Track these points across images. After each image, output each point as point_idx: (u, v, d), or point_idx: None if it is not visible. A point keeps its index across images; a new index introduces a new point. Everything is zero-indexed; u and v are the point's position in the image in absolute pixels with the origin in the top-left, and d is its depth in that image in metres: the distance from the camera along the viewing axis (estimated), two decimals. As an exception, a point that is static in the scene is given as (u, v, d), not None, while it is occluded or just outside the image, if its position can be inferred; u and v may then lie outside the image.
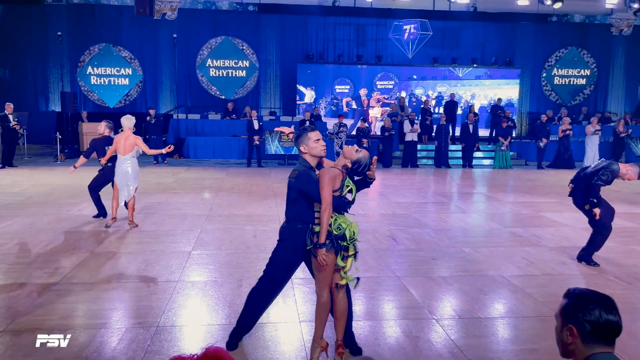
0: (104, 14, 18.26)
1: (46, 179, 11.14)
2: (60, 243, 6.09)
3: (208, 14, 18.77)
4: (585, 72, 20.64)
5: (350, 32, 19.58)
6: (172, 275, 5.03)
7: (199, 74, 19.07)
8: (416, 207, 8.85)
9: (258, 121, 14.71)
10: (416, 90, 19.24)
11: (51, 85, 18.45)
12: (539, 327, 3.96)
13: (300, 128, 3.44)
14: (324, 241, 3.13)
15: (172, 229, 6.92)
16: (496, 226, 7.47)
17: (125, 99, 18.87)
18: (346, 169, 3.28)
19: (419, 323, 4.03)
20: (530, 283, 4.98)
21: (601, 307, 1.56)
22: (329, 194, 3.11)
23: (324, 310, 3.30)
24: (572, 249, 6.16)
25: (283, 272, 3.47)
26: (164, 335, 3.72)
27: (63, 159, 14.53)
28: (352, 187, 3.33)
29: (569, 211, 8.45)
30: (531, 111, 20.33)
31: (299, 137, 3.33)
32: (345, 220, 3.23)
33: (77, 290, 4.58)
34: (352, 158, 3.25)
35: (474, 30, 19.73)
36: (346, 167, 3.27)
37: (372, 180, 3.41)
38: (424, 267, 5.44)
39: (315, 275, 3.31)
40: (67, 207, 8.19)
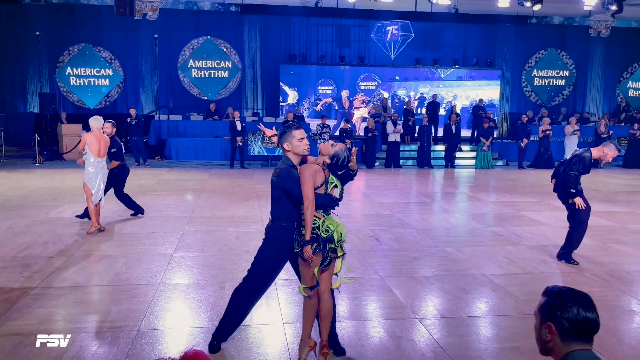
0: (84, 14, 17.99)
1: (24, 182, 10.94)
2: (39, 246, 5.98)
3: (190, 14, 18.63)
4: (564, 73, 20.97)
5: (333, 33, 19.61)
6: (154, 278, 4.98)
7: (180, 74, 18.91)
8: (399, 207, 8.89)
9: (241, 122, 14.64)
10: (399, 91, 19.33)
11: (29, 86, 18.12)
12: (520, 325, 4.00)
13: (284, 125, 3.42)
14: (309, 238, 3.12)
15: (153, 231, 6.84)
16: (478, 225, 7.54)
17: (105, 99, 18.62)
18: (326, 165, 3.26)
19: (402, 323, 4.04)
20: (511, 282, 5.04)
21: (579, 305, 1.58)
22: (310, 191, 3.09)
23: (311, 310, 3.30)
24: (551, 247, 6.24)
25: (268, 272, 3.44)
26: (145, 339, 3.67)
27: (42, 161, 14.29)
28: (336, 182, 3.30)
29: (548, 210, 8.58)
30: (512, 111, 20.59)
31: (283, 134, 3.32)
32: (333, 222, 3.21)
33: (56, 294, 4.50)
34: (330, 153, 3.23)
35: (456, 32, 19.92)
36: (325, 163, 3.25)
37: (354, 172, 3.38)
38: (407, 267, 5.46)
39: (302, 275, 3.29)
40: (46, 209, 8.05)
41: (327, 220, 3.19)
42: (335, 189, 3.32)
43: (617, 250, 6.27)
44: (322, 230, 3.15)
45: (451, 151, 15.58)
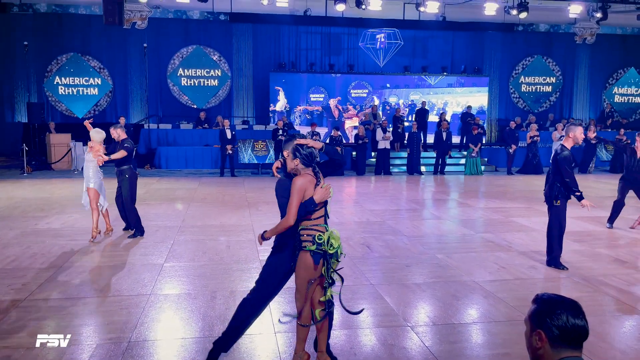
0: (72, 24, 17.92)
1: (12, 192, 10.83)
2: (28, 258, 5.92)
3: (179, 23, 18.63)
4: (551, 80, 21.23)
5: (322, 41, 19.71)
6: (144, 288, 4.95)
7: (170, 83, 18.88)
8: (390, 214, 8.92)
9: (231, 130, 14.63)
10: (390, 98, 19.43)
11: (17, 96, 17.97)
12: (511, 331, 4.03)
13: (290, 134, 3.44)
14: (268, 237, 3.16)
15: (143, 241, 6.80)
16: (468, 232, 7.59)
17: (94, 109, 18.52)
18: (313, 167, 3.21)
19: (394, 331, 4.05)
20: (501, 288, 5.07)
21: (568, 312, 1.60)
22: (295, 205, 3.07)
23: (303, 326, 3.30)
24: (541, 253, 6.29)
25: (274, 283, 3.41)
26: (136, 351, 3.65)
27: (30, 171, 14.16)
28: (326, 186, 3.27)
29: (537, 216, 8.66)
30: (500, 118, 20.78)
31: (287, 142, 3.31)
32: (334, 236, 3.19)
33: (46, 307, 4.45)
34: (292, 168, 3.20)
35: (444, 39, 20.11)
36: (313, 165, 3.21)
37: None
38: (398, 275, 5.48)
39: (297, 288, 3.27)
40: (35, 220, 7.97)
41: (330, 236, 3.17)
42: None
43: (606, 255, 6.34)
44: (327, 247, 3.13)
45: (441, 158, 15.68)
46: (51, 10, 17.66)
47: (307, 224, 3.16)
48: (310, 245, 3.12)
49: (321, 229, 3.17)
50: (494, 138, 20.63)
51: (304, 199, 3.11)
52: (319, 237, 3.13)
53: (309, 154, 3.18)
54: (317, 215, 3.18)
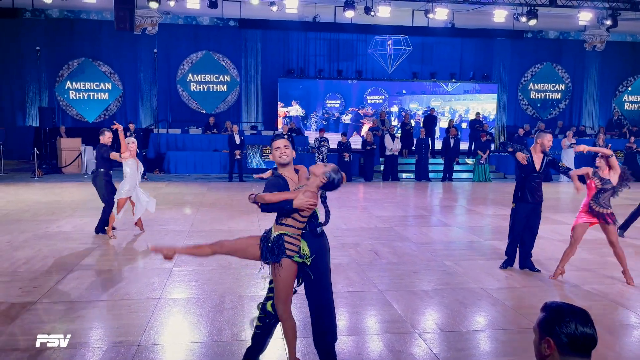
0: (84, 29, 18.14)
1: (23, 195, 10.95)
2: (39, 261, 5.98)
3: (189, 29, 18.79)
4: (560, 87, 21.16)
5: (330, 47, 19.79)
6: (154, 292, 4.98)
7: (179, 88, 19.02)
8: (397, 220, 8.92)
9: (239, 136, 14.70)
10: (410, 104, 19.49)
11: (29, 100, 18.20)
12: (520, 339, 4.02)
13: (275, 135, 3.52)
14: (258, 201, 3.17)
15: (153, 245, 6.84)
16: (476, 239, 7.57)
17: (104, 113, 18.70)
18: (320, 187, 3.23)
19: (401, 337, 4.05)
20: (509, 295, 5.06)
21: (577, 320, 1.61)
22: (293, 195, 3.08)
23: (292, 331, 3.26)
24: (549, 260, 6.27)
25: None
26: (145, 354, 3.68)
27: (41, 175, 14.30)
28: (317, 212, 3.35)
29: (545, 223, 8.61)
30: (508, 124, 20.73)
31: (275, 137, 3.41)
32: (305, 246, 3.22)
33: (56, 309, 4.50)
34: (325, 171, 3.18)
35: (452, 46, 20.13)
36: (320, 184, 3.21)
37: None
38: (405, 281, 5.48)
39: (275, 294, 3.23)
40: (46, 223, 8.06)
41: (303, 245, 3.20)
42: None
43: (615, 264, 6.29)
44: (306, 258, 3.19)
45: (449, 164, 15.65)
46: (63, 15, 17.88)
47: (292, 232, 3.16)
48: (297, 257, 3.15)
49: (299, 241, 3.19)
50: (503, 145, 20.54)
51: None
52: (304, 251, 3.18)
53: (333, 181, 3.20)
54: (302, 226, 3.19)
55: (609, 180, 5.36)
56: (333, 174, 3.20)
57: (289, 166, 3.37)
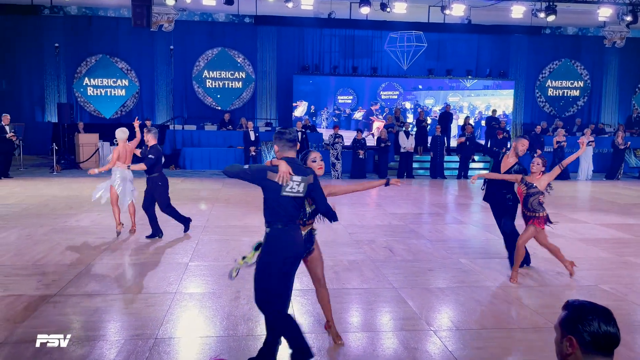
0: (101, 26, 18.33)
1: (42, 190, 11.12)
2: (58, 254, 6.08)
3: (204, 25, 18.88)
4: (578, 84, 20.85)
5: (346, 44, 19.73)
6: (170, 287, 5.03)
7: (195, 85, 19.13)
8: (412, 217, 8.88)
9: (254, 132, 14.76)
10: (426, 100, 19.30)
11: (48, 96, 18.46)
12: (537, 338, 3.98)
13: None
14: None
15: (169, 240, 6.92)
16: (492, 237, 7.51)
17: (121, 109, 18.89)
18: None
19: (416, 334, 4.04)
20: (526, 294, 5.01)
21: (600, 318, 1.60)
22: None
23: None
24: (568, 259, 6.19)
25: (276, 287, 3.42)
26: (162, 347, 3.72)
27: (59, 170, 14.51)
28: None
29: (563, 222, 8.52)
30: (525, 122, 20.50)
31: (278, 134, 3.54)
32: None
33: (75, 302, 4.57)
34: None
35: (469, 42, 19.94)
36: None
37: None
38: (420, 278, 5.46)
39: (321, 275, 3.81)
40: (64, 218, 8.18)
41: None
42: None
43: (634, 264, 6.20)
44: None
45: (465, 162, 15.53)
46: (81, 12, 18.09)
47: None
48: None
49: None
50: (519, 142, 20.30)
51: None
52: None
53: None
54: None
55: (533, 185, 5.41)
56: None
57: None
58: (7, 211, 8.64)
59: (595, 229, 8.14)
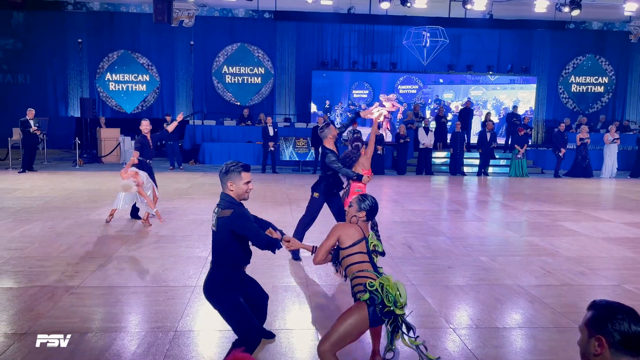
0: (123, 22, 18.56)
1: (65, 184, 11.32)
2: (80, 247, 6.18)
3: (224, 21, 18.97)
4: (603, 80, 20.42)
5: (365, 39, 19.63)
6: (190, 280, 5.08)
7: (214, 80, 19.25)
8: (431, 214, 8.82)
9: (273, 127, 14.79)
10: (444, 94, 19.06)
11: (71, 91, 18.77)
12: (559, 338, 3.92)
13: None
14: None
15: (188, 234, 6.98)
16: (513, 235, 7.41)
17: (142, 104, 19.11)
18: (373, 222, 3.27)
19: (435, 332, 4.01)
20: (548, 293, 4.94)
21: (629, 319, 1.56)
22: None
23: None
24: (590, 259, 6.09)
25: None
26: (182, 340, 3.76)
27: (82, 164, 14.75)
28: (376, 242, 3.24)
29: (587, 220, 8.37)
30: (547, 119, 20.17)
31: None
32: (390, 284, 2.89)
33: (97, 294, 4.64)
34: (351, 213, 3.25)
35: (490, 38, 19.67)
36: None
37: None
38: (440, 276, 5.42)
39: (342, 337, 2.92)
40: (86, 211, 8.31)
41: (387, 284, 2.87)
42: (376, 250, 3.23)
43: (660, 264, 6.07)
44: (384, 298, 2.85)
45: (485, 159, 15.35)
46: (104, 8, 18.32)
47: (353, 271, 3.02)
48: (363, 295, 2.88)
49: (373, 277, 2.91)
50: (541, 139, 20.03)
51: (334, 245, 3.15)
52: (371, 284, 2.87)
53: (373, 206, 3.22)
54: (358, 260, 3.01)
55: None
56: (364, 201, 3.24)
57: None
58: (32, 204, 8.81)
59: (619, 227, 7.98)
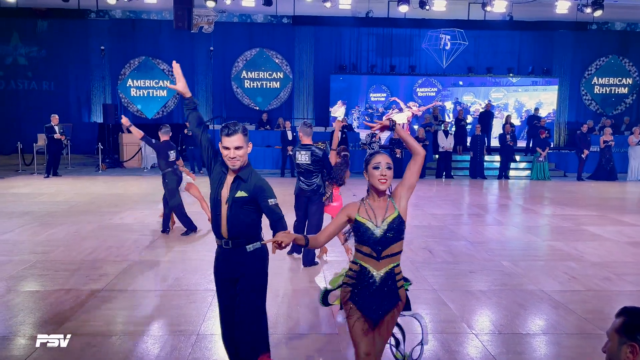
0: (144, 28, 18.87)
1: (89, 188, 11.52)
2: (104, 250, 6.28)
3: (243, 27, 19.14)
4: (627, 81, 20.04)
5: (383, 42, 19.60)
6: (211, 284, 5.11)
7: (234, 85, 19.42)
8: (451, 218, 8.75)
9: (291, 132, 14.84)
10: (464, 97, 18.90)
11: (93, 97, 19.13)
12: (584, 344, 3.86)
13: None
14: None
15: (210, 237, 7.04)
16: (535, 239, 7.31)
17: (162, 110, 19.37)
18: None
19: (457, 337, 3.98)
20: (572, 299, 4.86)
21: None
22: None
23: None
24: (616, 264, 5.98)
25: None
26: (204, 344, 3.79)
27: (104, 169, 15.00)
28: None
29: (611, 225, 8.21)
30: (569, 121, 19.85)
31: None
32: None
33: (120, 297, 4.71)
34: None
35: (510, 39, 19.48)
36: None
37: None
38: (461, 281, 5.37)
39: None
40: (109, 215, 8.44)
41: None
42: None
43: (688, 269, 5.92)
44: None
45: (505, 162, 15.17)
46: (125, 16, 18.65)
47: None
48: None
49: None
50: (563, 142, 19.72)
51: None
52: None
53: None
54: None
55: None
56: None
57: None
58: (56, 208, 8.99)
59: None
